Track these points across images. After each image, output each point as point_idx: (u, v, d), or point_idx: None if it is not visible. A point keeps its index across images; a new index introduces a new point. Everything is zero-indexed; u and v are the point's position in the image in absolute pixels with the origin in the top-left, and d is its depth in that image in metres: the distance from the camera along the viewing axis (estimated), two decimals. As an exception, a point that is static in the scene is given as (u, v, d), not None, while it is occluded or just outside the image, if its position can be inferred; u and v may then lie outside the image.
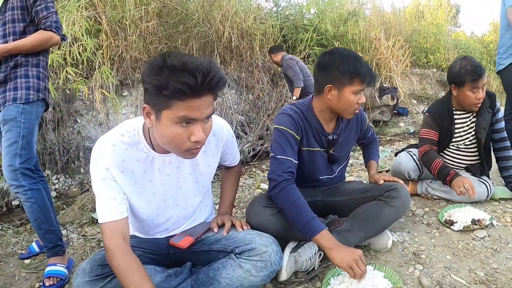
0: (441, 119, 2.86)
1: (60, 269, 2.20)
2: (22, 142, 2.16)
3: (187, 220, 1.86)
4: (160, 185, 1.63)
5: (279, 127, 2.05)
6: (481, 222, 2.30)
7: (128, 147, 1.53)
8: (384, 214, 2.06)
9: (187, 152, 1.41)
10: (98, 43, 4.56)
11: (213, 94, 1.34)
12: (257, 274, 1.59)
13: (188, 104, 1.28)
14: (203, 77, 1.25)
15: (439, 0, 13.33)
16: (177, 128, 1.33)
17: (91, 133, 4.37)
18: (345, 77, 1.94)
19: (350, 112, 2.02)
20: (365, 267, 1.67)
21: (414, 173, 2.96)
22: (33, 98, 2.24)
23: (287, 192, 1.88)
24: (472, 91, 2.63)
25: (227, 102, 5.32)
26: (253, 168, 4.77)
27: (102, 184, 1.50)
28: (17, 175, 2.14)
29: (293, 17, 7.25)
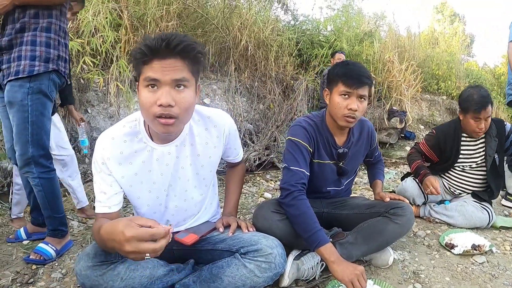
0: (445, 139, 2.92)
1: (49, 250, 2.25)
2: (32, 128, 2.06)
3: (189, 216, 1.87)
4: (159, 174, 1.67)
5: (293, 139, 2.10)
6: (481, 247, 2.33)
7: (127, 139, 1.58)
8: (388, 231, 2.09)
9: (157, 122, 1.40)
10: (118, 36, 4.59)
11: (180, 59, 1.38)
12: (260, 275, 1.61)
13: (151, 65, 1.36)
14: (162, 40, 1.33)
15: (454, 29, 13.43)
16: (146, 92, 1.39)
17: (100, 125, 4.38)
18: (334, 79, 2.04)
19: (339, 116, 2.04)
20: (366, 284, 1.69)
21: (419, 199, 3.00)
22: (39, 70, 2.05)
23: (299, 202, 1.94)
24: (474, 120, 2.70)
25: (237, 109, 5.35)
26: (257, 177, 4.79)
27: (97, 178, 1.60)
28: (30, 163, 2.10)
29: (310, 32, 7.30)
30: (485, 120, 2.69)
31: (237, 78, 5.60)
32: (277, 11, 7.20)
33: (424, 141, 3.10)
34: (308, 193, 2.10)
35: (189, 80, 1.42)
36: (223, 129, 1.77)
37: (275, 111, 5.75)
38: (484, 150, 2.83)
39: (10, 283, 2.04)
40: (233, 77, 5.50)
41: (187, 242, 1.77)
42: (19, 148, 2.09)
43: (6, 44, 2.06)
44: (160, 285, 1.65)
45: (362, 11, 9.19)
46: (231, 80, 5.47)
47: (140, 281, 1.57)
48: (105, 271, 1.53)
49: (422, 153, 3.10)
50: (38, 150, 2.11)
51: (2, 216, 3.12)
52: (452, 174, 3.01)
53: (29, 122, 2.05)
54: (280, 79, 6.12)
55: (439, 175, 3.10)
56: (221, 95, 5.33)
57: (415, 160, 3.01)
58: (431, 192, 2.73)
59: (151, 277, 1.62)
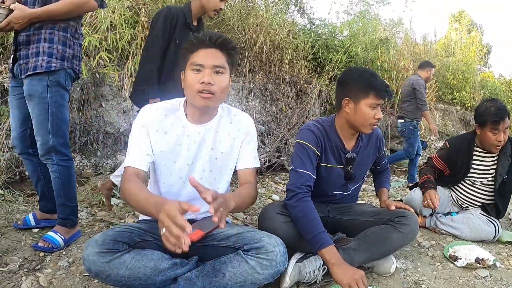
0: (458, 151, 2.94)
1: (57, 239, 2.30)
2: (52, 119, 2.18)
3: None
4: (186, 149, 1.91)
5: (301, 142, 2.16)
6: (485, 261, 2.33)
7: (167, 113, 1.89)
8: (392, 239, 2.11)
9: (198, 96, 1.75)
10: (134, 33, 4.64)
11: (220, 50, 1.79)
12: (261, 272, 1.66)
13: (197, 53, 1.76)
14: (206, 35, 1.77)
15: (472, 38, 13.32)
16: (192, 74, 1.76)
17: (114, 119, 4.44)
18: (360, 90, 2.07)
19: (366, 125, 2.11)
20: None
21: (426, 211, 3.01)
22: (56, 67, 2.16)
23: (303, 203, 1.98)
24: (493, 132, 2.70)
25: (250, 110, 5.37)
26: (266, 178, 4.82)
27: (136, 136, 1.85)
28: (51, 152, 2.21)
29: (326, 37, 7.27)
30: (504, 132, 2.70)
31: (251, 79, 5.62)
32: (293, 14, 7.22)
33: (437, 155, 3.13)
34: (315, 196, 2.15)
35: (225, 68, 1.79)
36: (245, 124, 2.01)
37: (288, 114, 5.75)
38: (495, 168, 2.82)
39: (18, 268, 2.09)
40: (247, 78, 5.52)
41: (192, 238, 1.79)
42: (41, 138, 2.20)
43: (24, 39, 2.15)
44: (164, 277, 1.69)
45: (379, 17, 9.16)
46: (245, 81, 5.49)
47: (144, 271, 1.62)
48: (111, 259, 1.58)
49: (435, 167, 3.12)
50: (58, 139, 2.23)
51: (12, 203, 3.18)
52: (461, 187, 3.01)
53: (49, 113, 2.17)
54: (294, 82, 6.12)
55: (448, 187, 3.10)
56: (235, 95, 5.36)
57: (425, 174, 3.04)
58: (428, 205, 2.77)
59: (155, 268, 1.66)
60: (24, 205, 3.20)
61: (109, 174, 3.89)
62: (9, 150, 3.75)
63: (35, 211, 2.74)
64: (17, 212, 2.99)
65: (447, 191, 3.10)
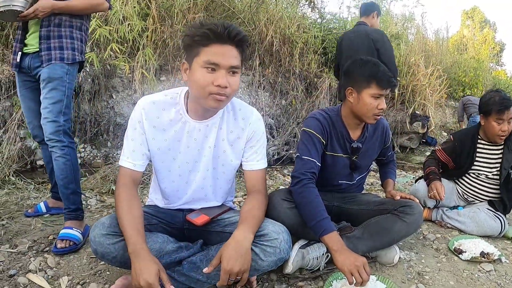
0: (462, 144, 2.92)
1: (75, 234, 2.25)
2: (66, 101, 2.30)
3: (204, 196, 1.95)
4: (186, 147, 1.78)
5: (307, 130, 2.17)
6: (490, 256, 2.31)
7: (165, 107, 1.77)
8: (395, 228, 2.11)
9: (211, 98, 1.59)
10: (145, 25, 4.67)
11: (236, 47, 1.59)
12: (265, 259, 1.66)
13: (212, 49, 1.55)
14: (223, 27, 1.53)
15: (485, 36, 13.18)
16: (204, 72, 1.57)
17: (124, 110, 4.47)
18: (363, 80, 2.06)
19: (369, 116, 2.11)
20: (367, 276, 1.70)
21: (431, 202, 2.99)
22: (78, 59, 2.37)
23: (308, 189, 1.98)
24: (497, 122, 2.69)
25: (259, 103, 5.37)
26: (275, 171, 4.84)
27: (130, 133, 1.77)
28: (60, 132, 2.26)
29: (336, 31, 7.24)
30: (508, 122, 2.68)
31: (261, 72, 5.61)
32: (304, 8, 7.18)
33: (441, 147, 3.13)
34: (320, 185, 2.15)
35: (240, 68, 1.64)
36: (249, 123, 1.87)
37: (297, 107, 5.75)
38: (500, 162, 2.81)
39: (27, 250, 2.15)
40: (257, 71, 5.52)
41: (198, 222, 1.85)
42: (53, 116, 2.27)
43: (45, 34, 2.29)
44: (168, 260, 1.71)
45: (390, 12, 9.09)
46: (255, 75, 5.49)
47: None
48: (117, 241, 1.61)
49: (439, 159, 3.12)
50: (67, 122, 2.32)
51: (23, 191, 3.23)
52: (466, 181, 3.00)
53: (65, 95, 2.30)
54: (304, 76, 6.10)
55: (453, 180, 3.09)
56: (244, 88, 5.36)
57: (430, 166, 3.04)
58: (433, 196, 2.76)
59: (160, 251, 1.69)
60: (34, 193, 3.26)
61: (118, 165, 3.94)
62: (20, 140, 3.81)
63: (46, 199, 2.80)
64: (28, 199, 3.05)
65: (452, 184, 3.08)
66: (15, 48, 2.38)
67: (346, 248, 1.81)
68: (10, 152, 3.70)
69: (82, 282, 1.85)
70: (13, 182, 3.45)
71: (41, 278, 1.85)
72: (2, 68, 3.99)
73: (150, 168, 1.99)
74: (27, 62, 2.36)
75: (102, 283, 1.85)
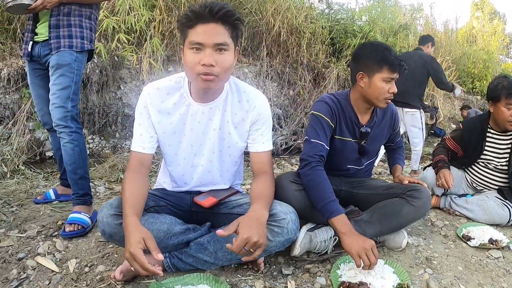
0: (471, 133, 2.90)
1: (84, 218, 2.26)
2: (74, 87, 2.32)
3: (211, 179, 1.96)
4: (190, 129, 1.80)
5: (316, 113, 2.16)
6: (498, 242, 2.30)
7: (170, 92, 1.79)
8: (403, 212, 2.10)
9: (199, 78, 1.58)
10: (152, 16, 4.68)
11: (222, 24, 1.56)
12: (272, 239, 1.67)
13: (196, 30, 1.55)
14: (204, 6, 1.52)
15: (494, 27, 13.05)
16: (191, 53, 1.57)
17: (132, 101, 4.49)
18: (374, 64, 2.05)
19: (381, 99, 2.10)
20: (375, 259, 1.69)
21: (438, 190, 2.97)
22: (87, 47, 2.39)
23: (315, 171, 1.98)
24: (507, 107, 2.64)
25: (267, 93, 5.37)
26: (283, 160, 4.85)
27: (137, 118, 1.81)
28: (67, 117, 2.28)
29: (344, 22, 7.21)
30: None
31: (268, 63, 5.62)
32: (311, -1, 7.16)
33: (450, 136, 3.11)
34: (329, 169, 2.15)
35: (229, 44, 1.59)
36: (253, 105, 1.85)
37: (305, 97, 5.74)
38: (510, 151, 2.77)
39: (36, 234, 2.16)
40: (264, 61, 5.52)
41: (206, 204, 1.85)
42: (61, 102, 2.29)
43: (54, 23, 2.33)
44: (176, 241, 1.72)
45: (399, 3, 9.03)
46: (262, 65, 5.49)
47: (157, 234, 1.64)
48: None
49: (448, 148, 3.10)
50: (75, 108, 2.34)
51: (32, 180, 3.28)
52: (476, 169, 2.97)
53: (73, 82, 2.33)
54: (312, 66, 6.09)
55: (462, 169, 3.07)
56: (252, 78, 5.36)
57: (439, 154, 3.03)
58: (442, 184, 2.75)
59: (167, 232, 1.70)
60: (43, 182, 3.29)
61: (127, 154, 3.96)
62: (29, 132, 3.85)
63: (55, 187, 2.82)
64: (37, 187, 3.08)
65: (461, 172, 3.06)
66: (26, 38, 2.42)
67: (354, 231, 1.80)
68: (19, 143, 3.76)
69: (90, 265, 1.86)
70: (22, 172, 3.49)
71: (49, 261, 1.86)
72: (11, 61, 4.03)
73: (158, 156, 2.00)
74: (37, 51, 2.38)
75: (109, 265, 1.85)
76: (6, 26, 4.35)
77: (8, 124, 3.89)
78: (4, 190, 2.97)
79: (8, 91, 3.92)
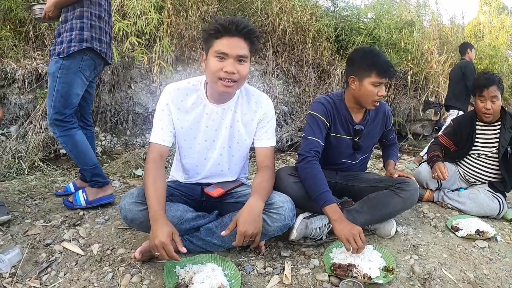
0: (461, 127, 3.07)
1: (80, 200, 2.60)
2: (56, 95, 2.44)
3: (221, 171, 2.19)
4: (205, 127, 2.02)
5: (312, 113, 2.37)
6: (485, 233, 2.44)
7: (188, 93, 2.03)
8: (392, 203, 2.29)
9: (220, 83, 1.84)
10: (161, 18, 4.83)
11: (244, 39, 1.83)
12: (271, 224, 1.89)
13: (222, 41, 1.80)
14: (232, 22, 1.79)
15: (502, 22, 13.00)
16: (215, 60, 1.82)
17: (142, 100, 4.67)
18: (364, 69, 2.22)
19: (369, 102, 2.28)
20: (362, 243, 1.89)
21: (432, 184, 3.13)
22: (74, 49, 2.41)
23: (311, 165, 2.18)
24: (480, 100, 2.85)
25: (273, 91, 5.51)
26: (288, 156, 5.00)
27: (159, 114, 2.01)
28: (51, 124, 2.47)
29: (349, 19, 7.30)
30: (491, 101, 2.81)
31: (274, 61, 5.74)
32: (316, -3, 7.25)
33: (443, 133, 3.29)
34: (325, 164, 2.39)
35: (248, 57, 1.87)
36: (261, 106, 2.12)
37: (310, 95, 5.87)
38: (498, 140, 2.91)
39: (60, 223, 2.37)
40: (270, 60, 5.65)
41: (214, 195, 2.08)
42: (47, 110, 2.50)
43: (56, 33, 2.50)
44: (188, 226, 1.95)
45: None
46: (268, 63, 5.61)
47: (172, 220, 1.85)
48: (144, 208, 1.84)
49: (441, 144, 3.25)
50: (58, 115, 2.46)
51: (50, 176, 3.50)
52: (468, 162, 3.12)
53: (55, 90, 2.44)
54: (317, 64, 6.21)
55: (455, 162, 3.21)
56: (258, 76, 5.50)
57: (433, 151, 3.17)
58: (437, 176, 2.88)
59: (180, 218, 1.93)
60: (61, 177, 3.47)
61: (138, 151, 4.15)
62: (44, 130, 4.03)
63: (75, 180, 3.03)
64: (56, 182, 3.27)
65: (454, 166, 3.20)
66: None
67: (345, 219, 2.00)
68: (35, 141, 3.94)
69: (111, 248, 2.07)
70: (40, 168, 3.69)
71: (74, 246, 2.08)
72: (24, 63, 4.20)
73: (171, 152, 2.19)
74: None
75: (129, 248, 2.07)
76: (19, 28, 4.52)
77: (24, 123, 4.08)
78: (26, 185, 3.17)
79: (22, 91, 4.10)
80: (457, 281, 1.95)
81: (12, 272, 1.83)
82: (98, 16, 2.54)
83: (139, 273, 1.82)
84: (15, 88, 4.09)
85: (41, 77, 4.12)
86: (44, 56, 4.42)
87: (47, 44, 4.47)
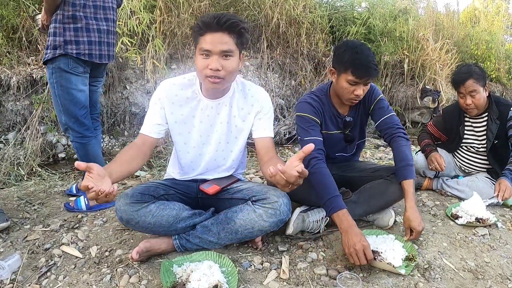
0: (450, 118, 3.04)
1: (82, 204, 2.61)
2: (61, 100, 2.46)
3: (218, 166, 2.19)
4: (199, 122, 2.02)
5: (301, 114, 2.30)
6: (485, 221, 2.40)
7: (183, 87, 2.04)
8: (388, 192, 2.27)
9: (207, 80, 1.83)
10: (153, 17, 4.82)
11: (228, 33, 1.78)
12: (267, 219, 1.88)
13: (205, 38, 1.78)
14: (214, 17, 1.75)
15: (498, 7, 12.93)
16: (201, 58, 1.81)
17: (138, 100, 4.68)
18: (343, 64, 2.13)
19: (345, 98, 2.22)
20: (365, 261, 1.80)
21: (431, 172, 3.10)
22: (49, 57, 2.40)
23: (317, 169, 2.08)
24: (460, 96, 2.80)
25: (269, 85, 5.50)
26: (286, 149, 5.00)
27: (151, 107, 2.04)
28: (67, 129, 2.50)
29: (343, 9, 7.27)
30: (470, 96, 2.74)
31: (269, 55, 5.74)
32: (309, -12, 7.20)
33: (431, 122, 3.25)
34: None
35: (234, 51, 1.82)
36: (257, 99, 2.10)
37: (306, 87, 5.85)
38: (485, 133, 2.89)
39: (59, 227, 2.39)
40: (265, 54, 5.64)
41: (210, 191, 2.08)
42: (58, 117, 2.53)
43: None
44: (184, 224, 1.96)
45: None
46: (263, 57, 5.61)
47: (168, 219, 1.89)
48: (139, 208, 1.86)
49: (430, 133, 3.23)
50: (70, 118, 2.49)
51: (48, 181, 3.51)
52: (461, 153, 3.11)
53: (57, 95, 2.46)
54: (312, 55, 6.18)
55: (452, 154, 3.20)
56: (254, 71, 5.49)
57: (424, 139, 3.16)
58: (435, 168, 2.88)
59: (177, 217, 1.94)
60: (60, 181, 3.49)
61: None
62: (41, 135, 4.04)
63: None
64: (54, 187, 3.28)
65: (450, 156, 3.19)
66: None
67: (352, 230, 1.88)
68: (33, 147, 3.96)
69: (109, 250, 2.09)
70: (39, 173, 3.71)
71: (73, 249, 2.09)
72: (19, 69, 4.21)
73: (166, 151, 2.20)
74: None
75: (126, 249, 2.08)
76: (12, 35, 4.53)
77: (21, 129, 4.09)
78: (24, 191, 3.17)
79: (18, 98, 4.12)
80: (457, 270, 1.95)
81: (13, 278, 1.84)
82: (71, 16, 2.40)
83: (137, 273, 1.84)
84: (10, 94, 4.11)
85: (36, 83, 4.14)
86: (38, 62, 4.43)
87: (41, 50, 4.47)
